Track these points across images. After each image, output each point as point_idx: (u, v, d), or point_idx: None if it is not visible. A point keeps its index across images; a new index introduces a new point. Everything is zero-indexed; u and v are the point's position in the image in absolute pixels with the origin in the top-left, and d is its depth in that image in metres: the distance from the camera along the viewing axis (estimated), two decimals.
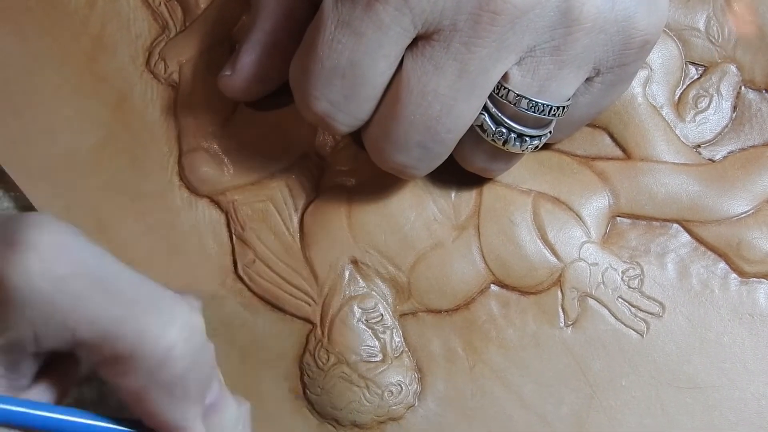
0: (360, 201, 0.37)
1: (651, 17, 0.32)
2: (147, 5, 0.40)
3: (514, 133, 0.33)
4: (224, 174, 0.38)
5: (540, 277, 0.37)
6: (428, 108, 0.31)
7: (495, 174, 0.36)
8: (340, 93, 0.32)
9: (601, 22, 0.31)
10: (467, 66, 0.31)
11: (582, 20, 0.31)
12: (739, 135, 0.38)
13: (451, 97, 0.31)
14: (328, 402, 0.36)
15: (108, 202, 0.38)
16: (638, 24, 0.32)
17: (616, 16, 0.31)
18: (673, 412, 0.35)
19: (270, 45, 0.36)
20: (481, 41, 0.30)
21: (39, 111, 0.39)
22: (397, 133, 0.32)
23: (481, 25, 0.30)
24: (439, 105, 0.31)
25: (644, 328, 0.36)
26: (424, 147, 0.32)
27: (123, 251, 0.37)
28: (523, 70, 0.32)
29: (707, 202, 0.37)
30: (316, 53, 0.32)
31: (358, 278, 0.37)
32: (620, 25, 0.32)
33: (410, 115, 0.32)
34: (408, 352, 0.36)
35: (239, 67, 0.36)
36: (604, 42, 0.32)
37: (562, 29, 0.31)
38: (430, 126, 0.32)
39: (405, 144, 0.32)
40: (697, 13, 0.39)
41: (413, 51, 0.31)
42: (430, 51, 0.31)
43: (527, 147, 0.33)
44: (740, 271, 0.37)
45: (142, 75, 0.39)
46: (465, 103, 0.31)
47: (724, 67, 0.39)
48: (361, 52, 0.31)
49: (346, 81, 0.32)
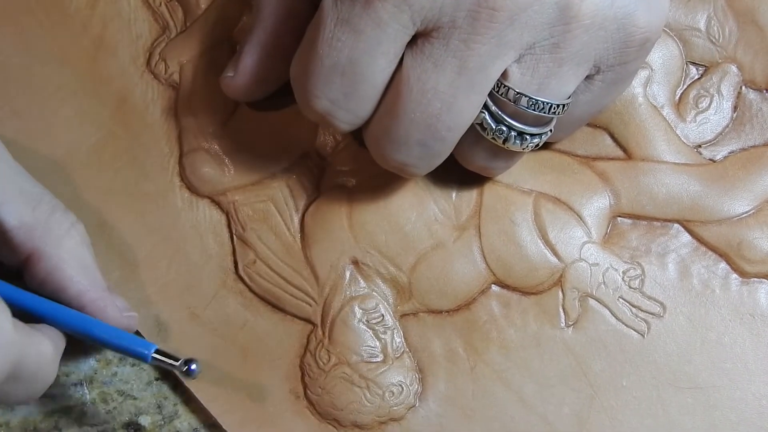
0: (361, 201, 0.37)
1: (651, 15, 0.32)
2: (148, 6, 0.40)
3: (514, 131, 0.33)
4: (225, 174, 0.38)
5: (541, 277, 0.37)
6: (428, 106, 0.31)
7: (495, 173, 0.36)
8: (340, 91, 0.32)
9: (600, 18, 0.31)
10: (466, 63, 0.31)
11: (581, 17, 0.31)
12: (740, 135, 0.38)
13: (450, 94, 0.31)
14: (328, 402, 0.36)
15: (109, 203, 0.38)
16: (638, 21, 0.32)
17: (615, 13, 0.31)
18: (674, 412, 0.35)
19: (271, 45, 0.36)
20: (480, 38, 0.30)
21: (39, 111, 0.39)
22: (398, 131, 0.32)
23: (480, 22, 0.30)
24: (439, 102, 0.31)
25: (645, 328, 0.36)
26: (424, 145, 0.32)
27: (124, 251, 0.38)
28: (522, 68, 0.32)
29: (708, 202, 0.37)
30: (315, 52, 0.32)
31: (359, 278, 0.37)
32: (620, 22, 0.32)
33: (410, 113, 0.32)
34: (409, 353, 0.36)
35: (241, 68, 0.36)
36: (604, 39, 0.32)
37: (561, 26, 0.31)
38: (430, 124, 0.32)
39: (405, 142, 0.32)
40: (698, 13, 0.39)
41: (413, 49, 0.31)
42: (430, 48, 0.31)
43: (528, 145, 0.33)
44: (741, 271, 0.37)
45: (143, 75, 0.39)
46: (465, 100, 0.31)
47: (724, 67, 0.39)
48: (361, 50, 0.31)
49: (346, 79, 0.32)
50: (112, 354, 0.37)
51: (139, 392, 0.37)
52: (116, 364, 0.37)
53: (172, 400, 0.37)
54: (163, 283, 0.37)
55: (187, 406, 0.37)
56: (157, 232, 0.38)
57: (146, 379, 0.37)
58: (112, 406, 0.37)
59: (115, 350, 0.34)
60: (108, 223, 0.38)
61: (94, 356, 0.37)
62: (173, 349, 0.35)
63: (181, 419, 0.37)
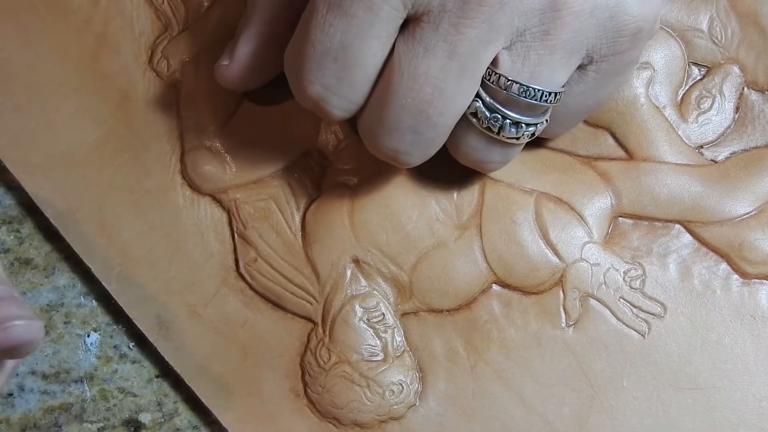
0: (362, 200, 0.37)
1: (643, 4, 0.32)
2: (150, 3, 0.40)
3: (509, 119, 0.32)
4: (226, 172, 0.38)
5: (542, 277, 0.37)
6: (419, 91, 0.31)
7: (492, 167, 0.36)
8: (333, 76, 0.32)
9: (590, 5, 0.31)
10: (457, 47, 0.31)
11: (571, 3, 0.31)
12: (742, 136, 0.38)
13: (441, 79, 0.31)
14: (329, 401, 0.36)
15: (110, 200, 0.38)
16: (630, 10, 0.32)
17: (607, 1, 0.31)
18: (675, 413, 0.35)
19: (268, 34, 0.36)
20: (470, 21, 0.30)
21: (41, 108, 0.39)
22: (389, 117, 0.32)
23: (470, 6, 0.30)
24: (431, 88, 0.31)
25: (646, 328, 0.36)
26: (416, 131, 0.32)
27: (125, 249, 0.38)
28: (513, 55, 0.32)
29: (709, 203, 0.37)
30: (308, 37, 0.32)
31: (359, 277, 0.37)
32: (612, 10, 0.31)
33: (402, 99, 0.31)
34: (409, 352, 0.36)
35: (237, 57, 0.36)
36: (596, 27, 0.32)
37: (551, 12, 0.31)
38: (422, 110, 0.32)
39: (397, 128, 0.32)
40: (700, 13, 0.39)
41: (404, 34, 0.31)
42: (420, 33, 0.31)
43: (523, 134, 0.33)
44: (742, 272, 0.37)
45: (145, 73, 0.39)
46: (456, 85, 0.31)
47: (727, 68, 0.39)
48: (353, 34, 0.31)
49: (339, 63, 0.32)
50: (113, 351, 0.38)
51: (139, 389, 0.37)
52: (117, 361, 0.37)
53: (172, 397, 0.37)
54: (164, 280, 0.37)
55: (187, 404, 0.37)
56: (158, 230, 0.38)
57: (146, 377, 0.37)
58: (112, 403, 0.37)
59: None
60: (109, 221, 0.38)
61: (95, 353, 0.37)
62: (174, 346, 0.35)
63: (181, 417, 0.37)
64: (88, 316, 0.38)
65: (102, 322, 0.38)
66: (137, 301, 0.37)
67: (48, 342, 0.38)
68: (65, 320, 0.38)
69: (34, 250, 0.39)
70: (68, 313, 0.38)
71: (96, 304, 0.38)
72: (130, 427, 0.37)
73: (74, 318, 0.38)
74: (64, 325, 0.38)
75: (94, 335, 0.38)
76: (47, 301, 0.38)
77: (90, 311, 0.38)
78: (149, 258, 0.37)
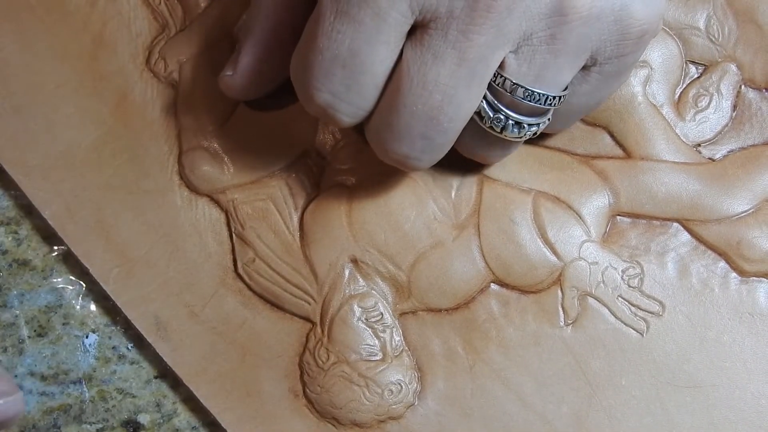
0: (360, 200, 0.37)
1: (648, 7, 0.32)
2: (147, 4, 0.40)
3: (511, 120, 0.33)
4: (224, 172, 0.38)
5: (540, 276, 0.37)
6: (429, 98, 0.31)
7: (492, 160, 0.36)
8: (341, 83, 0.32)
9: (597, 10, 0.31)
10: (466, 54, 0.31)
11: (578, 8, 0.31)
12: (739, 134, 0.38)
13: (451, 86, 0.31)
14: (327, 401, 0.36)
15: (108, 201, 0.38)
16: (635, 13, 0.32)
17: (613, 5, 0.31)
18: (673, 411, 0.35)
19: (271, 43, 0.36)
20: (478, 28, 0.30)
21: (39, 109, 0.39)
22: (399, 124, 0.32)
23: (478, 12, 0.30)
24: (440, 95, 0.31)
25: (644, 327, 0.36)
26: (426, 138, 0.32)
27: (123, 249, 0.38)
28: (519, 59, 0.32)
29: (707, 201, 0.37)
30: (315, 45, 0.32)
31: (358, 277, 0.37)
32: (617, 14, 0.32)
33: (411, 106, 0.31)
34: (408, 351, 0.36)
35: (240, 67, 0.36)
36: (601, 31, 0.32)
37: (557, 17, 0.31)
38: (432, 116, 0.32)
39: (408, 135, 0.32)
40: (698, 12, 0.39)
41: (412, 41, 0.31)
42: (429, 40, 0.31)
43: (525, 134, 0.33)
44: (740, 270, 0.37)
45: (143, 74, 0.39)
46: (466, 92, 0.31)
47: (724, 66, 0.39)
48: (361, 40, 0.31)
49: (347, 70, 0.32)
50: (112, 352, 0.38)
51: (138, 390, 0.37)
52: (115, 362, 0.37)
53: (171, 398, 0.37)
54: (162, 281, 0.37)
55: (186, 405, 0.37)
56: (156, 230, 0.38)
57: (145, 378, 0.37)
58: (111, 404, 0.37)
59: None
60: (107, 221, 0.38)
61: (93, 354, 0.37)
62: (173, 347, 0.35)
63: (179, 417, 0.37)
64: (87, 317, 0.38)
65: (100, 323, 0.38)
66: (135, 302, 0.37)
67: (46, 343, 0.38)
68: (64, 321, 0.38)
69: (32, 251, 0.39)
70: (66, 314, 0.38)
71: (94, 305, 0.38)
72: (129, 427, 0.37)
73: (73, 319, 0.38)
74: (63, 326, 0.38)
75: (93, 336, 0.38)
76: (45, 303, 0.38)
77: (88, 312, 0.38)
78: (147, 258, 0.37)
